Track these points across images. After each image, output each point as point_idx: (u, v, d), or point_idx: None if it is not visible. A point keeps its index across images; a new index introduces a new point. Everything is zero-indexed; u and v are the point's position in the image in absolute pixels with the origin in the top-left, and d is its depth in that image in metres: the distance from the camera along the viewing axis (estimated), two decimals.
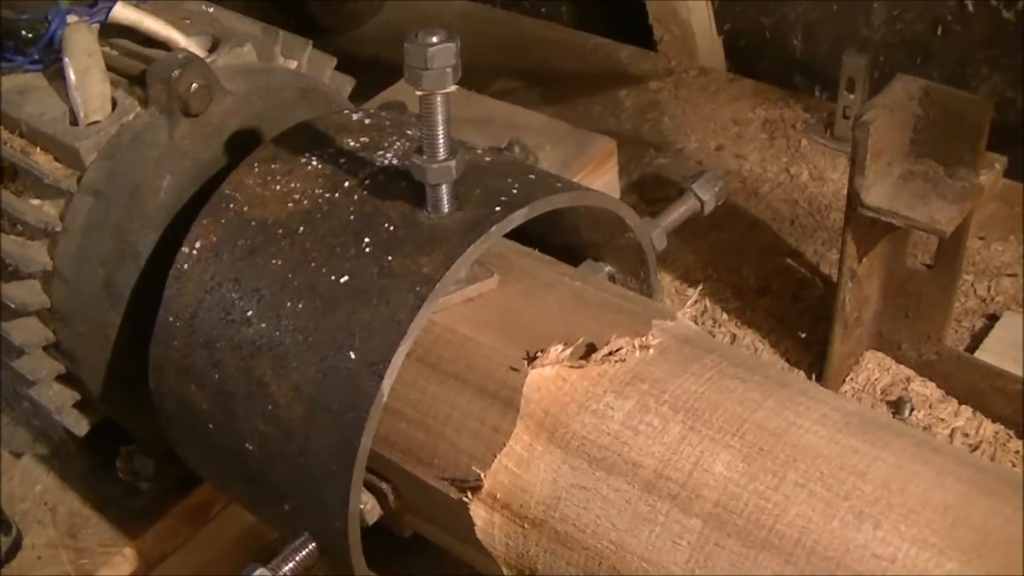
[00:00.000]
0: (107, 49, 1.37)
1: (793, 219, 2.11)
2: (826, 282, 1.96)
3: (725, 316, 1.90)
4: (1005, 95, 2.26)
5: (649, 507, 0.93)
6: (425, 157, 1.04)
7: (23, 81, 1.38)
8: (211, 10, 1.48)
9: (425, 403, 1.05)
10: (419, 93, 1.02)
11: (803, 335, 1.85)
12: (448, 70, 1.00)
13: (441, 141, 1.04)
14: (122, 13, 1.38)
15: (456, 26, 2.77)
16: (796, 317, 1.90)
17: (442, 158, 1.04)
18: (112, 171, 1.28)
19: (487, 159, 1.20)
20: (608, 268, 1.31)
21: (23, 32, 1.39)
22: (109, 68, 1.34)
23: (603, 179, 1.98)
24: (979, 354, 1.78)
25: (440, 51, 0.99)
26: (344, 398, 1.01)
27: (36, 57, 1.38)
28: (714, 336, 1.84)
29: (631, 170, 2.24)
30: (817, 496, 0.89)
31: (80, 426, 1.42)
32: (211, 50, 1.39)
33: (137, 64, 1.35)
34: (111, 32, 1.39)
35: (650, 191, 2.18)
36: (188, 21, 1.44)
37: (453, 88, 1.01)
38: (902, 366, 1.77)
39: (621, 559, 0.94)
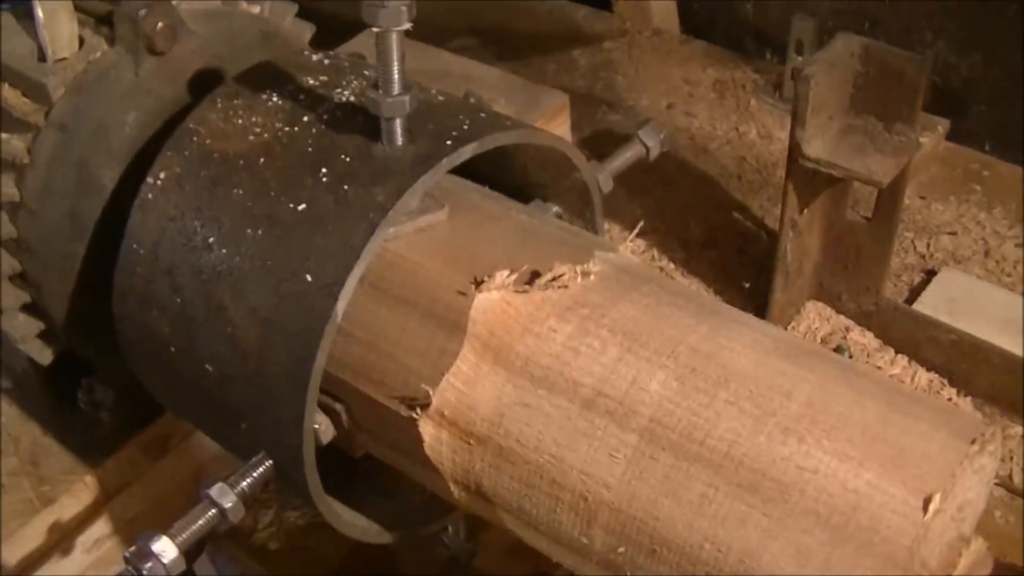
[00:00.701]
0: None
1: (740, 175, 2.17)
2: (771, 236, 2.02)
3: (672, 266, 1.96)
4: (949, 61, 2.32)
5: (588, 423, 0.98)
6: (381, 92, 1.09)
7: None
8: None
9: (376, 326, 1.10)
10: (375, 30, 1.06)
11: (746, 285, 1.91)
12: (403, 8, 1.04)
13: (396, 77, 1.09)
14: None
15: None
16: (740, 269, 1.96)
17: (396, 93, 1.09)
18: (78, 106, 1.32)
19: (440, 98, 1.24)
20: (555, 208, 1.36)
21: None
22: (76, 8, 1.37)
23: (555, 132, 2.03)
24: (916, 306, 1.85)
25: None
26: (299, 319, 1.06)
27: None
28: None
29: (583, 127, 2.29)
30: (746, 413, 0.95)
31: (44, 356, 1.46)
32: None
33: (103, 4, 1.38)
34: None
35: (601, 147, 2.22)
36: None
37: (407, 25, 1.05)
38: (841, 316, 1.84)
39: (561, 472, 0.99)
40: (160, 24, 1.31)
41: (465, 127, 1.15)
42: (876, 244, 1.74)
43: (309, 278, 1.06)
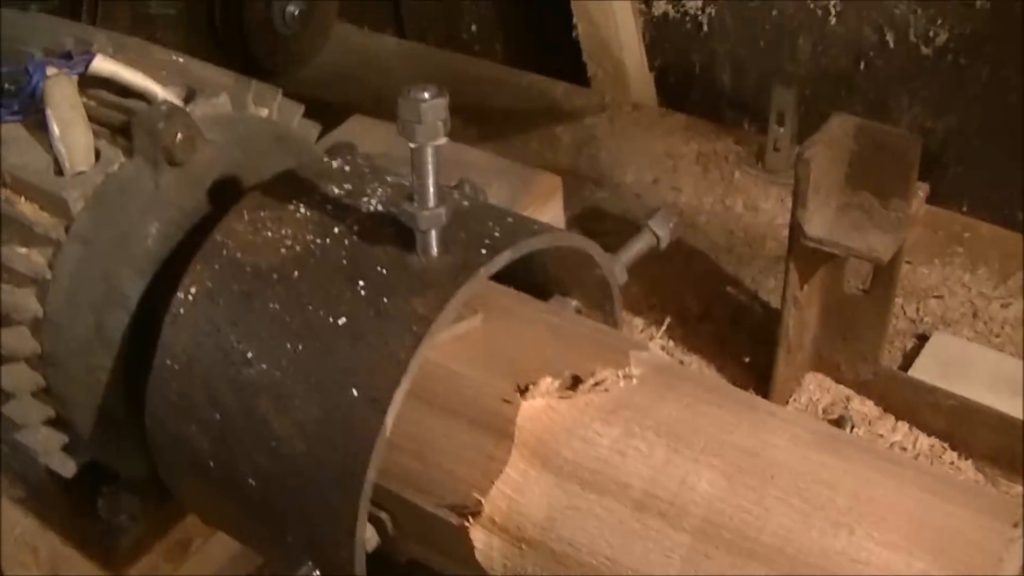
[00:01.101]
0: (87, 100, 1.42)
1: (730, 248, 2.21)
2: (764, 307, 2.06)
3: (671, 343, 1.99)
4: (925, 125, 2.38)
5: (640, 524, 1.01)
6: (417, 205, 1.11)
7: (3, 132, 1.43)
8: (182, 60, 1.54)
9: (422, 436, 1.12)
10: (412, 145, 1.08)
11: (746, 359, 1.94)
12: (440, 123, 1.07)
13: (432, 190, 1.11)
14: (101, 65, 1.43)
15: (394, 65, 2.89)
16: (737, 342, 1.99)
17: (432, 206, 1.12)
18: (99, 220, 1.33)
19: (465, 203, 1.27)
20: (575, 303, 1.39)
21: (3, 85, 1.45)
22: (90, 119, 1.39)
23: (549, 214, 2.06)
24: (912, 372, 1.89)
25: (432, 106, 1.06)
26: (348, 434, 1.08)
27: (15, 108, 1.43)
28: None
29: (572, 204, 2.31)
30: (795, 508, 0.97)
31: (67, 468, 1.46)
32: (186, 100, 1.45)
33: (117, 115, 1.40)
34: (88, 83, 1.44)
35: (592, 224, 2.26)
36: (164, 72, 1.49)
37: (444, 140, 1.08)
38: (841, 386, 1.87)
39: (615, 573, 1.01)
40: (179, 135, 1.32)
41: (497, 234, 1.18)
42: (873, 315, 1.78)
43: (355, 392, 1.08)
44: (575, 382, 1.09)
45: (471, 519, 1.07)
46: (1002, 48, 2.26)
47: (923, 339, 1.98)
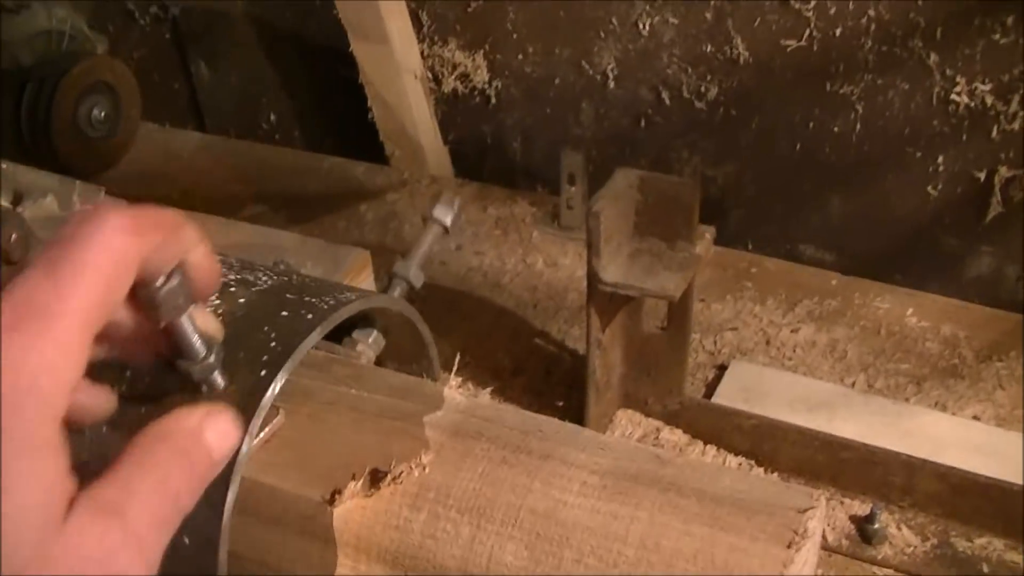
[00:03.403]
0: None
1: (535, 303, 2.33)
2: (572, 355, 2.18)
3: (487, 397, 2.08)
4: (706, 174, 2.54)
5: None
6: (188, 361, 1.06)
7: None
8: (4, 166, 1.60)
9: (259, 545, 1.17)
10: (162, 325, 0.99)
11: (560, 403, 2.06)
12: (181, 301, 0.97)
13: (197, 347, 1.04)
14: None
15: (198, 159, 2.96)
16: (551, 389, 2.10)
17: (200, 359, 1.05)
18: None
19: (240, 304, 1.23)
20: (374, 331, 1.46)
21: None
22: None
23: (361, 286, 2.15)
24: (715, 399, 2.02)
25: (170, 290, 0.94)
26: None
27: None
28: None
29: (381, 276, 2.39)
30: (592, 569, 1.05)
31: None
32: (15, 203, 1.51)
33: None
34: None
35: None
36: None
37: (187, 311, 0.99)
38: (651, 419, 1.99)
39: None
40: (14, 236, 1.39)
41: (273, 343, 1.16)
42: (673, 350, 1.91)
43: (187, 540, 1.07)
44: (376, 478, 1.15)
45: None
46: (767, 98, 2.43)
47: (723, 368, 2.12)
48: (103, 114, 2.93)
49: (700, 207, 1.76)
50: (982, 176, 2.30)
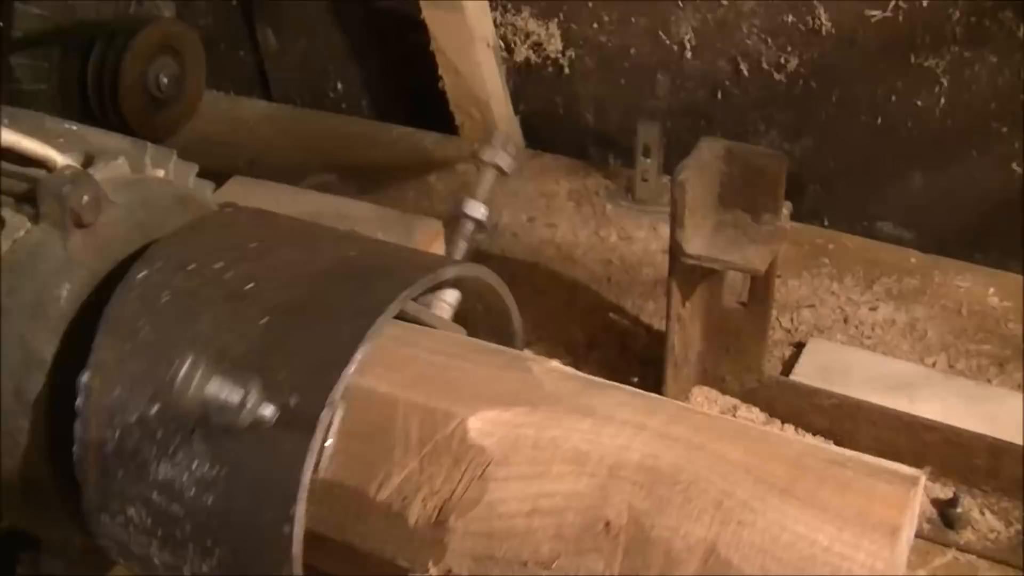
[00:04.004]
0: None
1: (609, 277, 2.30)
2: (648, 331, 2.14)
3: None
4: (782, 148, 2.49)
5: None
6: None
7: None
8: (75, 128, 1.57)
9: None
10: None
11: (635, 379, 2.02)
12: None
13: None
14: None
15: (263, 128, 2.94)
16: (626, 365, 2.07)
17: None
18: (12, 286, 1.36)
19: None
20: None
21: None
22: None
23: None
24: (792, 378, 1.98)
25: None
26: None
27: None
28: None
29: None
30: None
31: None
32: (85, 165, 1.48)
33: (19, 183, 1.43)
34: None
35: None
36: (61, 140, 1.53)
37: None
38: (728, 396, 1.96)
39: None
40: (86, 198, 1.36)
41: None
42: (753, 326, 1.87)
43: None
44: None
45: None
46: (849, 70, 2.38)
47: (800, 346, 2.08)
48: (169, 78, 2.92)
49: None
50: None
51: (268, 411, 1.07)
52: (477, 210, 1.56)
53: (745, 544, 0.98)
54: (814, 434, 1.89)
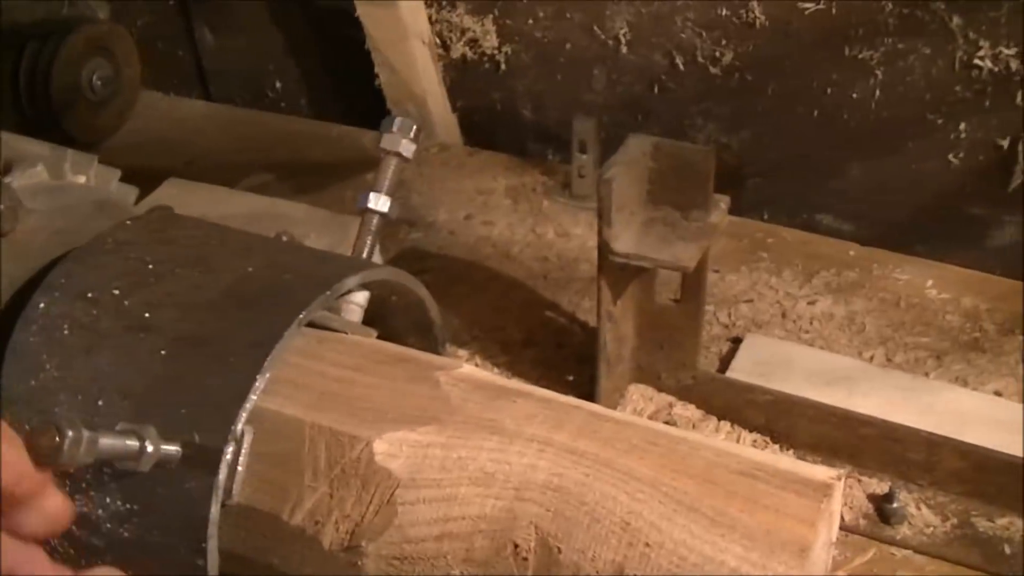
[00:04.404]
0: None
1: (546, 275, 2.28)
2: (584, 328, 2.13)
3: (496, 370, 2.04)
4: (720, 141, 2.48)
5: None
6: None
7: None
8: None
9: None
10: None
11: (570, 378, 2.01)
12: None
13: None
14: None
15: (202, 128, 2.91)
16: (562, 363, 2.05)
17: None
18: None
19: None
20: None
21: None
22: None
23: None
24: (729, 374, 1.97)
25: None
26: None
27: None
28: None
29: (389, 247, 2.36)
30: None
31: None
32: (3, 172, 1.46)
33: None
34: None
35: (410, 264, 2.31)
36: None
37: None
38: (663, 394, 1.94)
39: None
40: (3, 206, 1.34)
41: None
42: (687, 322, 1.86)
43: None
44: None
45: None
46: (784, 63, 2.37)
47: (737, 342, 2.07)
48: (104, 79, 2.88)
49: (716, 176, 1.71)
50: (1006, 144, 2.23)
51: (172, 449, 1.08)
52: (380, 203, 1.54)
53: (652, 567, 0.97)
54: (750, 430, 1.88)
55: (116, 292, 1.24)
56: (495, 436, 1.07)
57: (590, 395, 1.87)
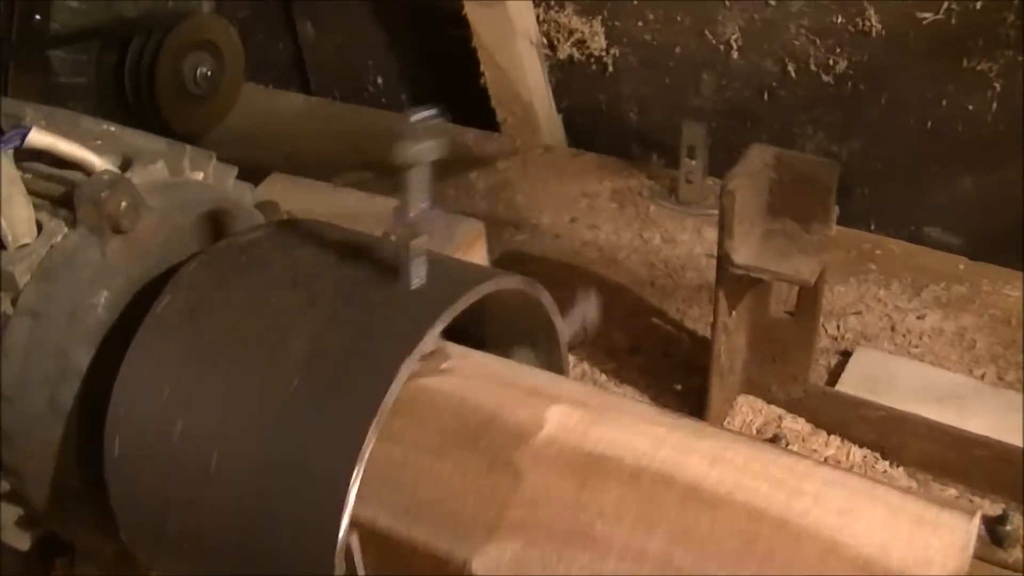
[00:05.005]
0: (23, 173, 1.43)
1: (652, 281, 2.26)
2: (691, 336, 2.11)
3: (604, 377, 2.03)
4: (829, 149, 2.45)
5: None
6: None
7: None
8: (113, 129, 1.55)
9: None
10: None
11: (678, 387, 1.99)
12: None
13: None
14: (37, 138, 1.43)
15: (301, 122, 2.91)
16: (669, 371, 2.04)
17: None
18: (48, 292, 1.33)
19: None
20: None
21: None
22: (29, 192, 1.39)
23: (475, 259, 2.08)
24: (839, 388, 1.94)
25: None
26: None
27: None
28: None
29: (493, 249, 2.33)
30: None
31: (23, 542, 1.45)
32: (123, 168, 1.45)
33: (56, 186, 1.40)
34: (22, 156, 1.44)
35: (514, 267, 2.28)
36: (98, 142, 1.50)
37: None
38: (773, 406, 1.92)
39: None
40: (124, 204, 1.33)
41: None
42: (800, 336, 1.83)
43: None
44: None
45: None
46: (898, 73, 2.34)
47: (846, 355, 2.04)
48: (207, 72, 2.90)
49: None
50: None
51: None
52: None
53: None
54: (860, 446, 1.85)
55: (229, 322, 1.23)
56: (586, 553, 1.03)
57: (700, 406, 1.86)
